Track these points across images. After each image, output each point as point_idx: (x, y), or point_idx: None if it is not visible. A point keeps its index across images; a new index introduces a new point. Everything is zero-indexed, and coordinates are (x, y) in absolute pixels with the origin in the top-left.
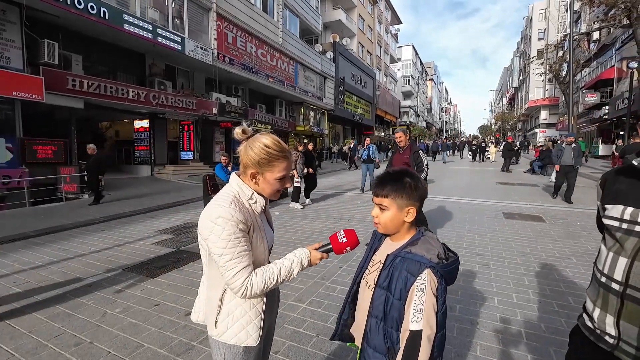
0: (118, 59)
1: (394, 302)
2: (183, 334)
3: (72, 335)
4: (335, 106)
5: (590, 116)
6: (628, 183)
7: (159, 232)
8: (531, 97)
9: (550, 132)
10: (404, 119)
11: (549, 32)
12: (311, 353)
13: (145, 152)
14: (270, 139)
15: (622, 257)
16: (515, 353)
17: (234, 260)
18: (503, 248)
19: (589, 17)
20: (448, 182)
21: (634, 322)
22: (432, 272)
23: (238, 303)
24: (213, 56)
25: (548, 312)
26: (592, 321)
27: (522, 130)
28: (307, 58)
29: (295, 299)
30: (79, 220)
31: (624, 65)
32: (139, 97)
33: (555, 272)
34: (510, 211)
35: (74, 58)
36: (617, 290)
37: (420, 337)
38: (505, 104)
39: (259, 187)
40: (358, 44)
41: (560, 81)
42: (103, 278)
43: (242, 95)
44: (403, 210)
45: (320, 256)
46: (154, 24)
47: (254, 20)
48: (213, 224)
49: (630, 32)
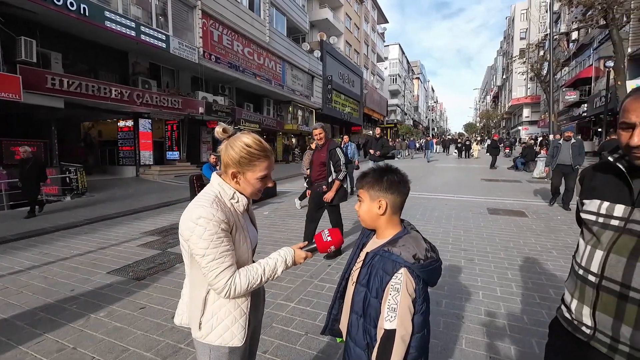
0: (100, 58)
1: (371, 299)
2: (170, 336)
3: (54, 341)
4: (323, 105)
5: (570, 114)
6: (604, 179)
7: (144, 233)
8: (514, 96)
9: (532, 130)
10: (392, 117)
11: (531, 32)
12: (300, 351)
13: (129, 152)
14: (251, 138)
15: (598, 250)
16: (499, 345)
17: (216, 261)
18: (487, 243)
19: (568, 17)
20: (435, 179)
21: (608, 313)
22: (409, 272)
23: (222, 304)
24: (199, 54)
25: (530, 304)
26: (570, 312)
27: (506, 127)
28: (295, 57)
29: (284, 297)
30: (60, 223)
31: (601, 65)
32: (122, 96)
33: (537, 265)
34: (494, 207)
35: (53, 56)
36: (593, 282)
37: (393, 336)
38: (490, 102)
39: (240, 187)
40: (345, 43)
41: (542, 80)
42: (86, 282)
43: (229, 94)
44: (375, 202)
45: (304, 255)
46: (136, 22)
47: (240, 18)
48: (194, 224)
49: (606, 33)
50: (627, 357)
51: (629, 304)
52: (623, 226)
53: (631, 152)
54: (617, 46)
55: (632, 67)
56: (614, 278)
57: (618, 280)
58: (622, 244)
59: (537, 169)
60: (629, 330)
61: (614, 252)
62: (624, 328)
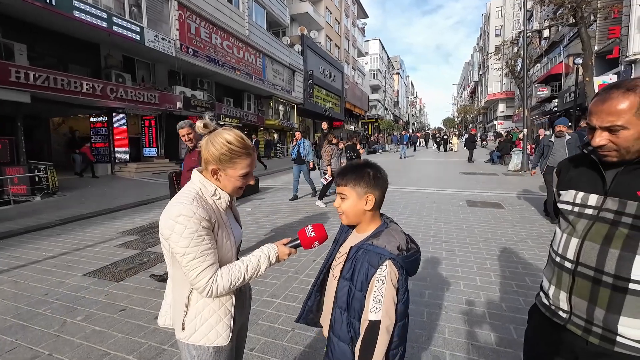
0: (69, 50)
1: (355, 293)
2: (152, 338)
3: (28, 348)
4: (304, 100)
5: (542, 109)
6: (580, 170)
7: (122, 233)
8: (490, 91)
9: (507, 124)
10: (372, 113)
11: (505, 29)
12: (287, 347)
13: (103, 149)
14: (233, 135)
15: (574, 237)
16: (480, 332)
17: (197, 260)
18: (467, 234)
19: (540, 15)
20: (416, 173)
21: (583, 297)
22: (393, 264)
23: (206, 303)
24: (175, 47)
25: (508, 292)
26: (547, 298)
27: (482, 122)
28: (275, 51)
29: (269, 294)
30: (30, 224)
31: (571, 62)
32: (94, 90)
33: (514, 254)
34: (473, 199)
35: (16, 47)
36: (569, 269)
37: (378, 327)
38: (467, 97)
39: (221, 184)
40: (326, 37)
41: (516, 76)
42: (61, 285)
43: (208, 88)
44: (362, 198)
45: (288, 252)
46: (108, 12)
47: (218, 11)
48: (174, 222)
49: (576, 31)
50: (600, 337)
51: (602, 288)
52: (596, 215)
53: (596, 151)
54: (585, 44)
55: (599, 64)
56: (588, 264)
57: (592, 266)
58: (595, 231)
59: (512, 162)
60: (602, 312)
61: (588, 239)
62: (597, 311)
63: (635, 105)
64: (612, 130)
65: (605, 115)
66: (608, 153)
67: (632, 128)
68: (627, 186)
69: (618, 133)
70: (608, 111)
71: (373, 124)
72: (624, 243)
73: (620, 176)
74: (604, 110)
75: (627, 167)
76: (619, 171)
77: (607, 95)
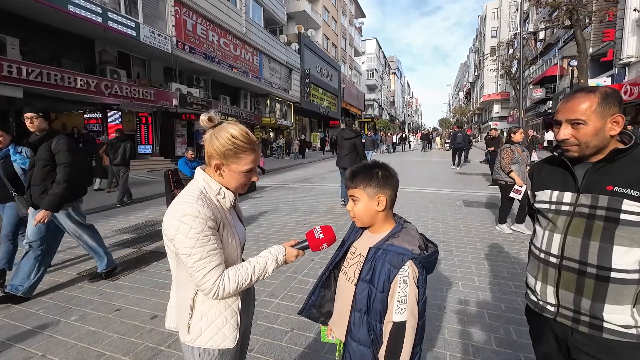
0: (63, 45)
1: (377, 294)
2: (149, 338)
3: (20, 349)
4: (301, 98)
5: (537, 110)
6: (551, 170)
7: (117, 231)
8: (485, 92)
9: (502, 125)
10: (369, 112)
11: (501, 30)
12: (286, 348)
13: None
14: (238, 130)
15: (556, 234)
16: (480, 333)
17: (203, 260)
18: (464, 234)
19: (536, 17)
20: (412, 173)
21: (570, 289)
22: (414, 264)
23: (212, 305)
24: (172, 44)
25: (506, 292)
26: (534, 294)
27: (477, 123)
28: (272, 49)
29: (268, 294)
30: None
31: (565, 64)
32: (88, 86)
33: (511, 254)
34: (469, 199)
35: (8, 41)
36: (555, 263)
37: (404, 327)
38: (462, 98)
39: (224, 180)
40: (323, 36)
41: (511, 77)
42: (54, 284)
43: (204, 86)
44: (373, 199)
45: (296, 253)
46: (103, 7)
47: (215, 7)
48: (179, 222)
49: (571, 33)
50: (589, 325)
51: (587, 279)
52: (573, 210)
53: (561, 146)
54: (580, 46)
55: (593, 67)
56: (572, 257)
57: (576, 259)
58: (574, 226)
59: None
60: (588, 302)
61: (570, 234)
62: (584, 301)
63: (594, 104)
64: (574, 125)
65: (568, 112)
66: (570, 147)
67: (590, 124)
68: (597, 183)
69: (579, 127)
70: (571, 109)
71: (369, 123)
72: (602, 235)
73: (590, 174)
74: (568, 108)
75: (595, 165)
76: (589, 169)
77: (572, 96)
